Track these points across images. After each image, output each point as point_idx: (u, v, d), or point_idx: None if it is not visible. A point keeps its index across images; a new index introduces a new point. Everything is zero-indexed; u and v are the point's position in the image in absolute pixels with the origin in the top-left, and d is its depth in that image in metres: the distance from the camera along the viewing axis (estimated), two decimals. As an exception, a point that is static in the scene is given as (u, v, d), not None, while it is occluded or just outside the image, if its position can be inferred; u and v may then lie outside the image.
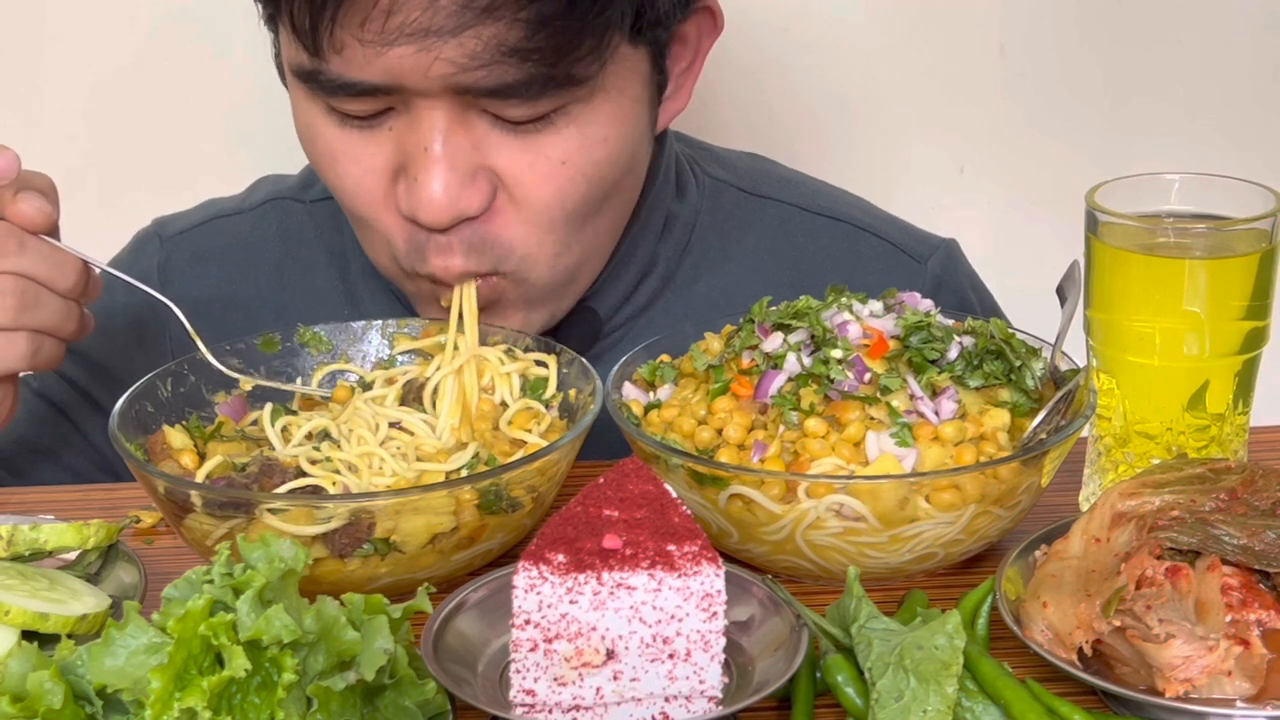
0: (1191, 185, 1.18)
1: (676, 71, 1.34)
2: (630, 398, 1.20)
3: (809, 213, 1.49)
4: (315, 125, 1.25)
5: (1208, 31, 1.95)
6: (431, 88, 1.18)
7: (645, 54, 1.27)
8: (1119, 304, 1.16)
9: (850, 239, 1.48)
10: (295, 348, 1.28)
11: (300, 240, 1.46)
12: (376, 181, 1.25)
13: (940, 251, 1.50)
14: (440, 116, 1.20)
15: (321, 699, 0.88)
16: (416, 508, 1.07)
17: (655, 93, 1.32)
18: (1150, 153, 1.90)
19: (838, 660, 0.98)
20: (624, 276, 1.41)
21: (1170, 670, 0.93)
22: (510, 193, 1.24)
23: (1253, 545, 0.97)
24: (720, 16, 1.35)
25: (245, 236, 1.48)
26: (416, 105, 1.20)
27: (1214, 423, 1.17)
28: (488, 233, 1.25)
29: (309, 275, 1.45)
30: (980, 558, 1.15)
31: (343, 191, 1.27)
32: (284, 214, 1.48)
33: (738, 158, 1.54)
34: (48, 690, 0.87)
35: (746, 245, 1.46)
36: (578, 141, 1.23)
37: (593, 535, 0.92)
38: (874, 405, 1.11)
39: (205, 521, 1.08)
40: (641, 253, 1.41)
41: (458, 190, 1.21)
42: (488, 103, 1.20)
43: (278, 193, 1.50)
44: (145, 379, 1.20)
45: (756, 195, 1.49)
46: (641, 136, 1.31)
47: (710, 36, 1.35)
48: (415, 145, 1.21)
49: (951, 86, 1.96)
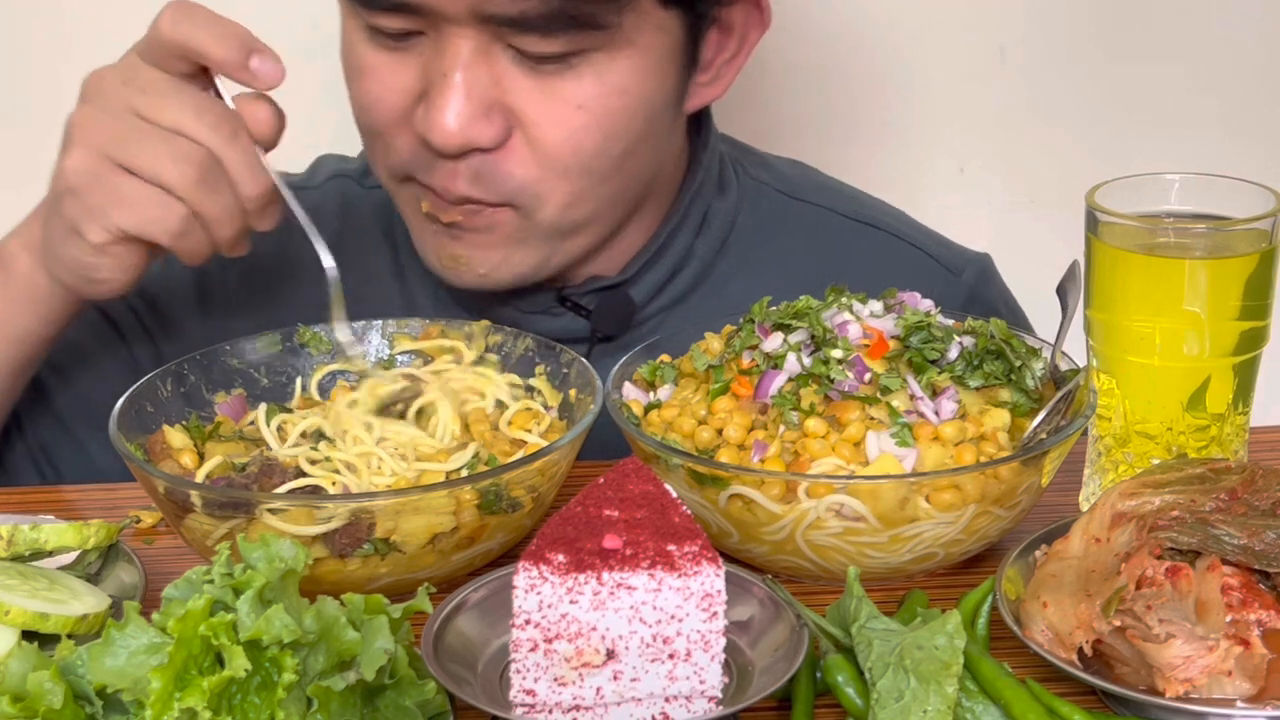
0: (1191, 185, 1.18)
1: (719, 60, 1.36)
2: (630, 398, 1.20)
3: (847, 219, 1.51)
4: (352, 40, 1.30)
5: (1208, 31, 1.95)
6: (457, 12, 1.22)
7: (678, 21, 1.29)
8: (1119, 304, 1.16)
9: (888, 248, 1.49)
10: (295, 348, 1.28)
11: (359, 220, 1.49)
12: (397, 100, 1.28)
13: (975, 265, 1.52)
14: (465, 45, 1.24)
15: (321, 699, 0.88)
16: (416, 508, 1.07)
17: (686, 66, 1.34)
18: (1150, 153, 1.90)
19: (838, 660, 0.98)
20: (659, 266, 1.43)
21: (1170, 670, 0.93)
22: (526, 133, 1.27)
23: (1253, 545, 0.97)
24: (768, 11, 1.37)
25: (309, 209, 1.49)
26: (444, 32, 1.24)
27: (1214, 423, 1.17)
28: (498, 168, 1.28)
29: (363, 255, 1.47)
30: (980, 558, 1.15)
31: (363, 106, 1.31)
32: (345, 193, 1.51)
33: (781, 162, 1.57)
34: (48, 690, 0.87)
35: (783, 247, 1.47)
36: (595, 88, 1.26)
37: (593, 535, 0.92)
38: (874, 405, 1.11)
39: (205, 522, 1.08)
40: (678, 245, 1.44)
41: (470, 119, 1.24)
42: (511, 36, 1.23)
43: (340, 171, 1.53)
44: (145, 379, 1.20)
45: (796, 199, 1.51)
46: (664, 103, 1.33)
47: (757, 30, 1.37)
48: (437, 71, 1.25)
49: (951, 86, 1.96)
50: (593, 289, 1.42)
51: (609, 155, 1.30)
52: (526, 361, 1.26)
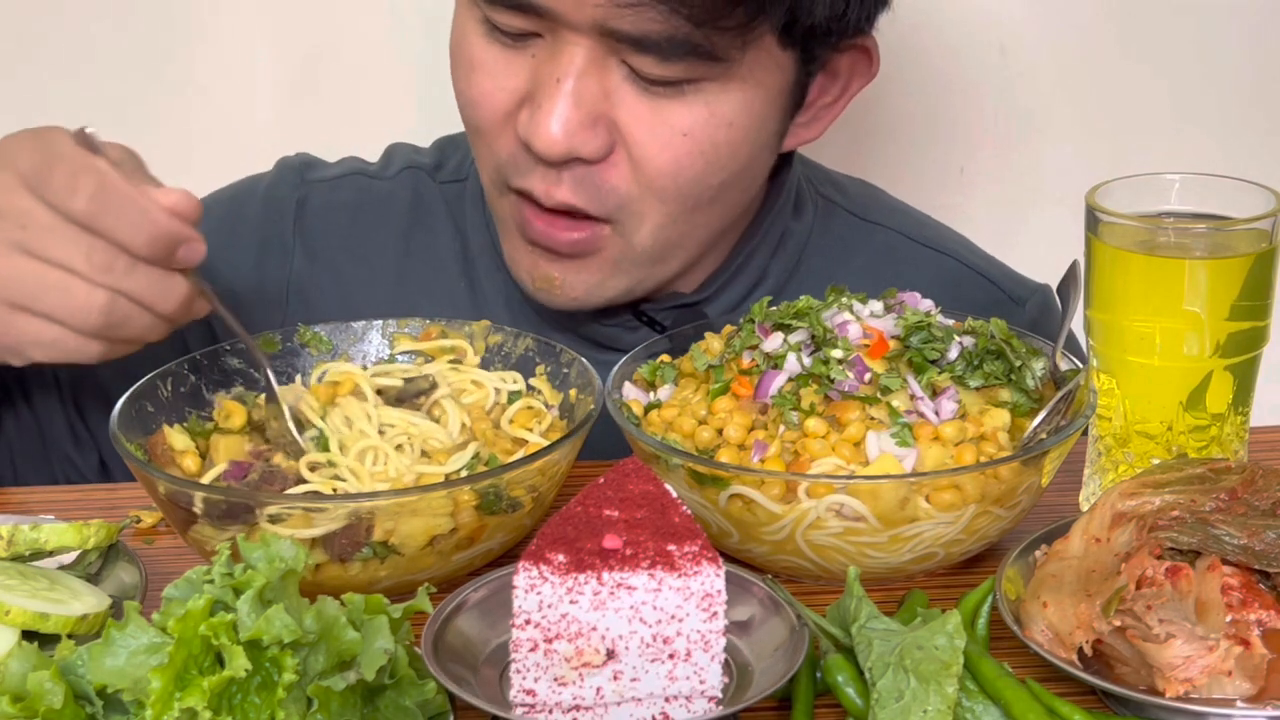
0: (1191, 185, 1.18)
1: (820, 103, 1.37)
2: (630, 398, 1.20)
3: (915, 243, 1.52)
4: (467, 33, 1.29)
5: (1207, 31, 1.94)
6: (580, 21, 1.21)
7: (792, 62, 1.29)
8: (1119, 304, 1.16)
9: (954, 275, 1.50)
10: (295, 348, 1.28)
11: (430, 212, 1.49)
12: (504, 100, 1.28)
13: (1038, 296, 1.52)
14: (580, 54, 1.23)
15: (321, 699, 0.88)
16: (414, 510, 1.07)
17: (791, 107, 1.34)
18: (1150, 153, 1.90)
19: (838, 660, 0.98)
20: (736, 285, 1.44)
21: (1170, 670, 0.93)
22: (629, 151, 1.27)
23: (1253, 545, 0.97)
24: (876, 62, 1.37)
25: (381, 199, 1.51)
26: (562, 37, 1.24)
27: (1214, 423, 1.17)
28: (601, 180, 1.28)
29: (433, 248, 1.47)
30: (980, 558, 1.15)
31: (470, 102, 1.31)
32: (418, 185, 1.51)
33: (848, 180, 1.57)
34: (48, 690, 0.87)
35: (854, 268, 1.48)
36: (704, 117, 1.26)
37: (593, 535, 0.92)
38: (874, 405, 1.11)
39: (207, 530, 1.08)
40: (755, 264, 1.44)
41: (575, 127, 1.24)
42: (627, 53, 1.23)
43: (413, 163, 1.52)
44: (145, 379, 1.20)
45: (866, 220, 1.52)
46: (767, 139, 1.33)
47: (862, 79, 1.37)
48: (549, 75, 1.24)
49: (951, 86, 1.96)
50: (670, 305, 1.42)
51: (707, 184, 1.30)
52: (526, 361, 1.26)
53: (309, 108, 1.93)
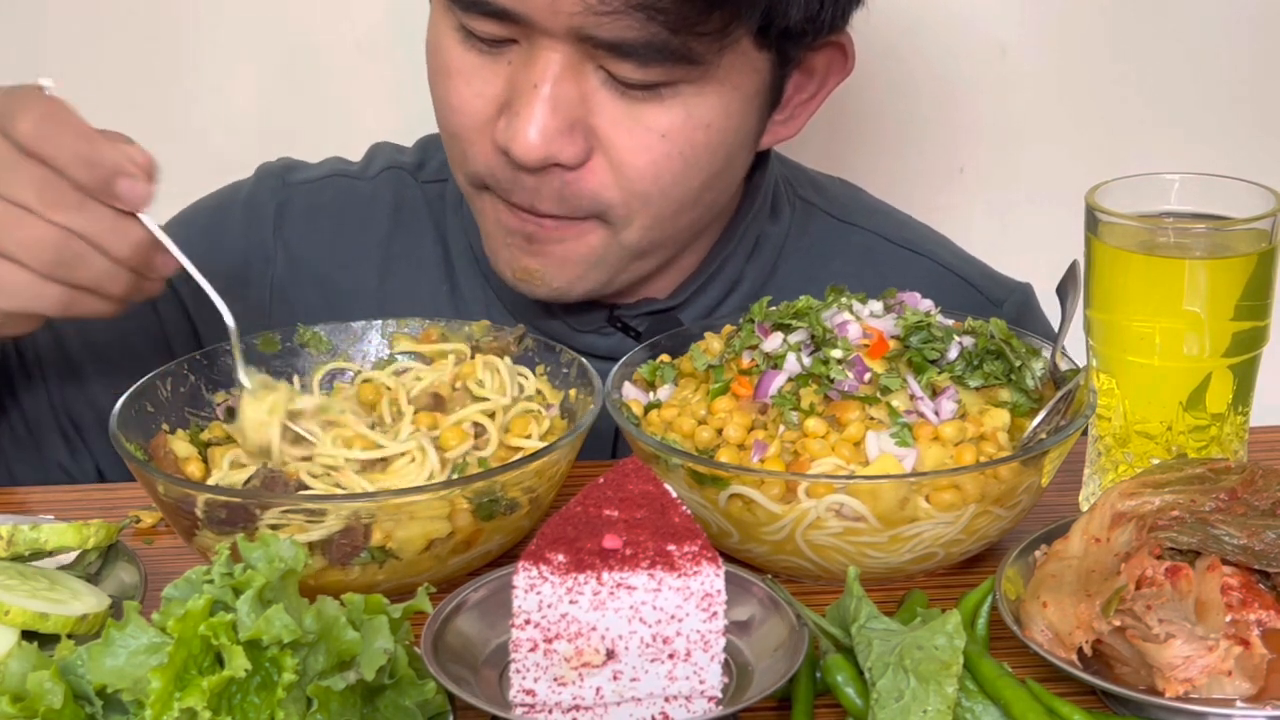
0: (1191, 185, 1.18)
1: (796, 100, 1.37)
2: (630, 398, 1.20)
3: (893, 244, 1.52)
4: (443, 40, 1.29)
5: (1207, 31, 1.95)
6: (556, 27, 1.21)
7: (768, 63, 1.29)
8: (1119, 304, 1.16)
9: (933, 276, 1.50)
10: (295, 348, 1.28)
11: (412, 213, 1.49)
12: (482, 107, 1.28)
13: (1016, 295, 1.52)
14: (557, 60, 1.23)
15: (321, 699, 0.88)
16: (411, 514, 1.07)
17: (768, 106, 1.34)
18: (1150, 153, 1.90)
19: (838, 660, 0.98)
20: (710, 291, 1.44)
21: (1170, 670, 0.93)
22: (608, 155, 1.27)
23: (1253, 545, 0.97)
24: (852, 59, 1.37)
25: (363, 200, 1.51)
26: (538, 43, 1.23)
27: (1214, 423, 1.17)
28: (581, 187, 1.28)
29: (415, 249, 1.48)
30: (980, 558, 1.15)
31: (447, 107, 1.30)
32: (399, 185, 1.51)
33: (829, 181, 1.57)
34: (48, 690, 0.87)
35: (831, 270, 1.47)
36: (681, 120, 1.26)
37: (593, 535, 0.92)
38: (874, 405, 1.11)
39: (206, 534, 1.08)
40: (730, 270, 1.44)
41: (554, 134, 1.24)
42: (604, 58, 1.23)
43: (395, 163, 1.52)
44: (145, 379, 1.20)
45: (844, 222, 1.51)
46: (744, 140, 1.33)
47: (838, 76, 1.38)
48: (526, 82, 1.24)
49: (951, 86, 1.96)
50: (644, 311, 1.42)
51: (688, 186, 1.30)
52: (526, 361, 1.26)
53: (293, 106, 1.93)
